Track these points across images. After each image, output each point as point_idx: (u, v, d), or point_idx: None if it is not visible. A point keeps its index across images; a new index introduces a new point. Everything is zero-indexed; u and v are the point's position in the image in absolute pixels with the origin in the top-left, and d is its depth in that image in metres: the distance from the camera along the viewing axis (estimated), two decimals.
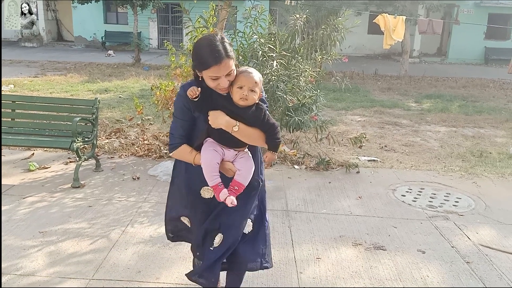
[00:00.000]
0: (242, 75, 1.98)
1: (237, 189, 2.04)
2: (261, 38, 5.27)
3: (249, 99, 1.98)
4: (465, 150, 6.18)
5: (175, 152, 2.12)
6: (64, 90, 9.94)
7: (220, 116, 1.99)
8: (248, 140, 2.05)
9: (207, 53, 1.90)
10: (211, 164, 2.02)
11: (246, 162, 2.09)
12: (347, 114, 8.55)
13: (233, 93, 1.99)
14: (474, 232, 3.71)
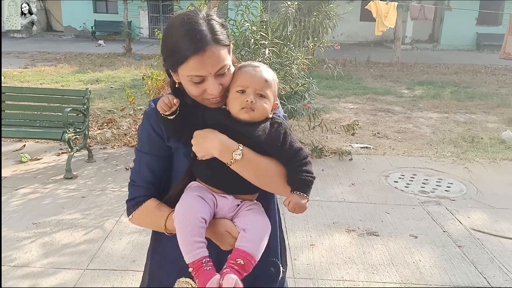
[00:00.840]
0: (244, 71, 1.24)
1: (243, 265, 1.13)
2: (252, 26, 5.23)
3: (256, 110, 1.20)
4: (457, 136, 6.22)
5: (136, 213, 1.30)
6: (54, 81, 9.84)
7: (211, 136, 1.20)
8: (259, 179, 1.21)
9: (181, 35, 1.16)
10: (190, 221, 1.15)
11: (255, 217, 1.23)
12: (340, 102, 8.56)
13: (231, 102, 1.23)
14: (466, 216, 3.76)
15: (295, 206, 1.19)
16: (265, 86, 1.23)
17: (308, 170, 1.20)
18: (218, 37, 1.18)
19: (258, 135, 1.19)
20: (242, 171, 1.19)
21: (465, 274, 2.92)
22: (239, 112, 1.20)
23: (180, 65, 1.18)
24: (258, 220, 1.22)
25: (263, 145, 1.20)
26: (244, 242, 1.16)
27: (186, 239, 1.14)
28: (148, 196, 1.30)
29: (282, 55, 5.29)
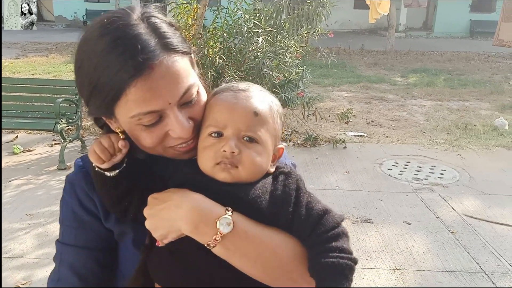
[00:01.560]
0: (220, 99, 0.80)
1: None
2: (246, 14, 5.19)
3: (242, 165, 0.76)
4: (450, 123, 6.25)
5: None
6: (46, 71, 9.73)
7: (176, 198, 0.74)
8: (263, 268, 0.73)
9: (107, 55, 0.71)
10: None
11: None
12: (333, 90, 8.55)
13: (201, 152, 0.79)
14: (459, 203, 3.79)
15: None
16: (257, 123, 0.77)
17: (342, 248, 0.74)
18: (170, 42, 0.74)
19: (255, 197, 0.74)
20: (234, 257, 0.71)
21: (458, 260, 2.95)
22: (214, 169, 0.76)
23: (116, 102, 0.73)
24: None
25: (266, 211, 0.74)
26: None
27: None
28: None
29: (276, 43, 5.26)
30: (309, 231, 0.74)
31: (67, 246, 0.85)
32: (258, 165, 0.76)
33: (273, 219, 0.74)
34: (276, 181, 0.78)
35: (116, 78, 0.70)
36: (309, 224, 0.74)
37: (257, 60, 4.94)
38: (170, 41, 0.74)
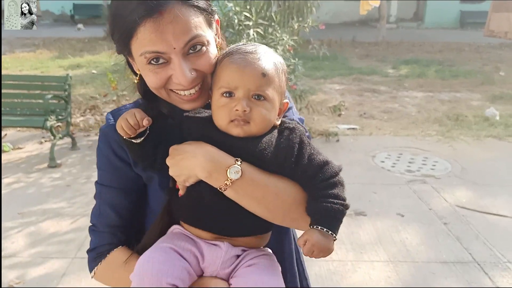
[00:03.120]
0: (230, 62, 0.86)
1: None
2: (236, 7, 5.14)
3: (253, 121, 0.85)
4: (441, 115, 6.28)
5: (100, 268, 0.98)
6: (34, 67, 9.59)
7: (193, 150, 0.85)
8: (268, 209, 0.85)
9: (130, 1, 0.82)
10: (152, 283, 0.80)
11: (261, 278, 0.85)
12: (325, 83, 8.54)
13: (215, 111, 0.87)
14: (451, 194, 3.81)
15: (314, 247, 0.81)
16: (264, 83, 0.84)
17: (337, 195, 0.84)
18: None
19: (262, 149, 0.83)
20: (242, 198, 0.83)
21: (451, 250, 2.97)
22: (228, 126, 0.85)
23: (130, 40, 0.82)
24: (264, 283, 0.83)
25: (271, 162, 0.84)
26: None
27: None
28: (113, 244, 0.97)
29: (267, 36, 5.22)
30: (309, 179, 0.85)
31: (105, 187, 0.99)
32: (267, 119, 0.86)
33: (278, 168, 0.85)
34: (281, 136, 0.87)
35: (130, 18, 0.80)
36: (310, 173, 0.85)
37: None
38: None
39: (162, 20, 0.79)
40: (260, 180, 0.84)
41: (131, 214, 0.99)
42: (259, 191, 0.83)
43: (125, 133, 0.85)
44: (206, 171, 0.82)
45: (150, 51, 0.82)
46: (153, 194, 0.99)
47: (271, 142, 0.85)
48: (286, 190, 0.85)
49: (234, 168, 0.82)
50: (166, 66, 0.84)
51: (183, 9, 0.81)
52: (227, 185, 0.82)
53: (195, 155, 0.84)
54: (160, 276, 0.79)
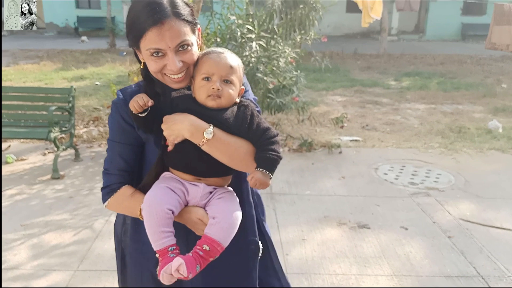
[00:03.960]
0: (208, 57, 1.25)
1: (208, 251, 1.17)
2: (239, 20, 5.19)
3: (223, 96, 1.23)
4: (444, 127, 6.28)
5: (111, 200, 1.32)
6: (38, 79, 9.65)
7: (181, 118, 1.22)
8: (230, 159, 1.23)
9: (141, 9, 1.19)
10: (156, 212, 1.18)
11: (226, 205, 1.24)
12: (327, 95, 8.57)
13: (197, 90, 1.25)
14: (455, 207, 3.79)
15: (257, 182, 1.20)
16: (231, 72, 1.25)
17: (274, 149, 1.23)
18: (179, 12, 1.20)
19: (226, 118, 1.23)
20: (214, 151, 1.21)
21: (455, 264, 2.95)
22: (206, 100, 1.24)
23: (140, 39, 1.20)
24: (228, 208, 1.23)
25: (232, 127, 1.23)
26: (212, 230, 1.19)
27: (153, 229, 1.19)
28: (122, 183, 1.33)
29: (269, 48, 5.26)
30: (257, 138, 1.24)
31: (116, 142, 1.32)
32: (232, 96, 1.25)
33: (237, 131, 1.23)
34: (239, 110, 1.26)
35: (142, 25, 1.18)
36: (257, 135, 1.24)
37: (251, 65, 4.94)
38: (179, 12, 1.19)
39: (162, 28, 1.17)
40: (225, 139, 1.21)
41: (134, 163, 1.34)
42: (224, 147, 1.21)
43: (136, 110, 1.21)
44: (189, 132, 1.19)
45: (154, 48, 1.19)
46: (149, 150, 1.34)
47: (233, 113, 1.24)
48: (242, 146, 1.23)
49: (209, 130, 1.19)
50: (163, 57, 1.21)
51: (176, 22, 1.19)
52: (203, 142, 1.19)
53: (182, 121, 1.20)
54: (162, 204, 1.19)
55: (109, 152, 1.34)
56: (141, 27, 1.18)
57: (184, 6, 1.23)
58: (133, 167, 1.34)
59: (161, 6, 1.17)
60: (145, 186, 1.28)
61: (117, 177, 1.32)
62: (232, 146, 1.22)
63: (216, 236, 1.18)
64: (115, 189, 1.32)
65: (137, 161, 1.35)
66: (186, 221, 1.26)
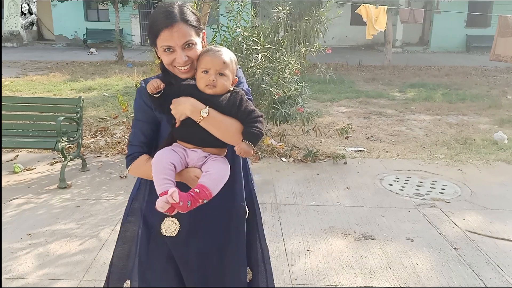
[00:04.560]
0: (207, 54, 1.55)
1: (198, 193, 1.45)
2: (244, 32, 5.25)
3: (218, 86, 1.54)
4: (449, 138, 6.26)
5: (133, 165, 1.64)
6: (46, 90, 9.78)
7: (184, 100, 1.54)
8: (222, 134, 1.54)
9: (157, 15, 1.54)
10: (161, 164, 1.50)
11: (217, 163, 1.56)
12: (332, 106, 8.59)
13: (198, 80, 1.57)
14: (461, 218, 3.77)
15: (241, 151, 1.52)
16: (224, 67, 1.55)
17: (257, 126, 1.55)
18: (186, 18, 1.54)
19: (220, 101, 1.54)
20: (209, 127, 1.53)
21: (462, 277, 2.93)
22: (205, 88, 1.56)
23: (156, 38, 1.55)
24: (218, 166, 1.55)
25: (225, 109, 1.55)
26: (203, 179, 1.50)
27: (158, 177, 1.49)
28: (141, 152, 1.65)
29: (275, 60, 5.31)
30: (244, 118, 1.55)
31: (138, 120, 1.67)
32: (225, 85, 1.57)
33: (228, 112, 1.55)
34: (231, 95, 1.57)
35: (158, 27, 1.53)
36: (244, 115, 1.56)
37: (256, 76, 4.98)
38: (186, 18, 1.54)
39: (173, 30, 1.52)
40: (218, 118, 1.54)
41: (151, 137, 1.67)
42: (217, 123, 1.53)
43: (151, 91, 1.56)
44: (190, 111, 1.53)
45: (165, 45, 1.54)
46: (163, 128, 1.66)
47: (226, 98, 1.56)
48: (232, 124, 1.55)
49: (204, 110, 1.52)
50: (172, 53, 1.55)
51: (183, 25, 1.53)
52: (200, 119, 1.52)
53: (185, 103, 1.54)
54: (165, 158, 1.52)
55: (133, 128, 1.68)
56: (157, 29, 1.53)
57: (191, 14, 1.57)
58: (150, 140, 1.67)
59: (172, 13, 1.53)
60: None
61: (138, 147, 1.65)
62: (224, 123, 1.54)
63: (206, 183, 1.48)
64: (135, 156, 1.65)
65: (153, 136, 1.67)
66: (186, 179, 1.57)
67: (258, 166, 4.99)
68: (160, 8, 1.57)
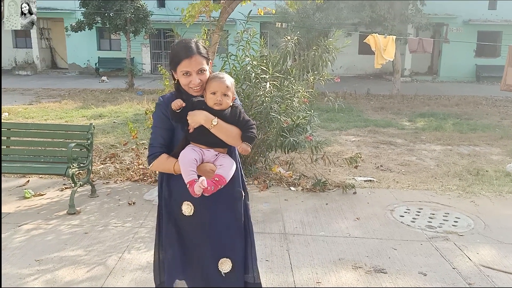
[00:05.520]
0: (214, 80, 2.07)
1: (218, 181, 2.02)
2: (253, 61, 5.33)
3: (223, 104, 2.08)
4: (461, 169, 6.19)
5: (155, 162, 2.11)
6: (58, 117, 9.94)
7: (199, 112, 2.04)
8: (227, 137, 2.07)
9: (180, 48, 2.06)
10: (187, 160, 2.02)
11: (227, 159, 2.12)
12: (341, 134, 8.59)
13: (207, 99, 2.08)
14: (475, 252, 3.68)
15: (243, 150, 2.07)
16: (227, 90, 2.09)
17: (253, 132, 2.11)
18: (200, 51, 2.09)
19: (224, 114, 2.09)
20: (218, 133, 2.06)
21: None
22: (213, 105, 2.08)
23: (177, 65, 2.07)
24: (229, 161, 2.13)
25: (228, 119, 2.09)
26: (220, 170, 2.07)
27: (185, 169, 2.02)
28: (161, 152, 2.13)
29: (283, 88, 5.36)
30: (242, 125, 2.09)
31: (158, 127, 2.14)
32: (228, 103, 2.09)
33: (231, 122, 2.07)
34: (232, 109, 2.11)
35: (179, 57, 2.05)
36: (243, 124, 2.09)
37: (265, 104, 5.02)
38: (200, 51, 2.07)
39: (191, 60, 2.04)
40: (224, 126, 2.06)
41: (168, 140, 2.15)
42: (224, 130, 2.06)
43: (175, 108, 2.06)
44: (204, 121, 2.04)
45: (185, 70, 2.06)
46: (177, 133, 2.15)
47: (228, 111, 2.10)
48: (234, 130, 2.08)
49: (214, 120, 2.03)
50: (189, 76, 2.07)
51: (199, 57, 2.07)
52: (211, 127, 2.03)
53: (200, 114, 2.05)
54: (190, 156, 2.04)
55: (153, 134, 2.16)
56: (179, 58, 2.06)
57: (203, 48, 2.12)
58: (168, 143, 2.14)
59: (191, 48, 2.07)
60: (175, 154, 2.10)
61: (158, 148, 2.12)
62: (229, 130, 2.08)
63: (223, 173, 2.06)
64: (157, 155, 2.12)
65: (170, 139, 2.15)
66: (203, 172, 2.06)
67: (267, 195, 4.96)
68: (182, 42, 2.10)
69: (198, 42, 2.09)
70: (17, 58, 23.47)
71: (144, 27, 16.36)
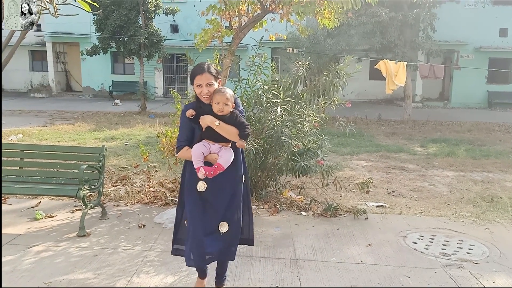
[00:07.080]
0: (217, 93, 2.87)
1: (216, 168, 2.83)
2: (264, 85, 5.38)
3: (224, 111, 2.87)
4: (475, 195, 6.08)
5: (180, 152, 2.96)
6: (71, 139, 10.07)
7: (207, 116, 2.87)
8: (227, 135, 2.86)
9: (196, 68, 2.91)
10: (196, 152, 2.86)
11: (226, 152, 2.91)
12: (352, 159, 8.54)
13: (213, 107, 2.88)
14: (491, 281, 3.57)
15: (239, 145, 2.90)
16: (228, 100, 2.86)
17: (247, 131, 2.88)
18: (210, 70, 2.89)
19: (225, 117, 2.86)
20: (220, 131, 2.84)
21: None
22: (217, 112, 2.86)
23: (193, 79, 2.88)
24: (228, 153, 2.90)
25: (228, 121, 2.85)
26: (220, 160, 2.86)
27: (194, 159, 2.85)
28: (185, 145, 2.95)
29: (294, 112, 5.37)
30: (239, 126, 2.90)
31: (182, 126, 3.02)
32: (228, 110, 2.91)
33: (231, 123, 2.90)
34: (231, 114, 2.92)
35: (195, 74, 2.92)
36: (239, 124, 2.91)
37: (275, 128, 5.04)
38: (210, 70, 2.92)
39: (202, 76, 2.89)
40: (226, 126, 2.87)
41: (190, 137, 2.97)
42: (225, 129, 2.87)
43: (189, 115, 2.93)
44: (210, 123, 2.86)
45: (198, 83, 2.89)
46: (196, 132, 2.95)
47: (228, 115, 2.89)
48: (233, 129, 2.88)
49: (217, 122, 2.85)
50: (200, 87, 2.89)
51: (208, 74, 2.89)
52: (216, 127, 2.85)
53: (207, 118, 2.87)
54: (198, 149, 2.90)
55: (179, 131, 3.01)
56: (195, 74, 2.88)
57: (213, 69, 2.92)
58: (190, 138, 2.96)
59: (203, 67, 2.89)
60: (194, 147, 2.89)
61: (183, 142, 2.96)
62: (229, 129, 2.85)
63: (221, 162, 2.86)
64: (181, 147, 2.95)
65: (191, 136, 2.96)
66: (210, 160, 2.87)
67: (277, 219, 4.91)
68: (199, 64, 2.93)
69: (210, 64, 2.94)
70: (33, 81, 24.08)
71: (158, 51, 16.71)
